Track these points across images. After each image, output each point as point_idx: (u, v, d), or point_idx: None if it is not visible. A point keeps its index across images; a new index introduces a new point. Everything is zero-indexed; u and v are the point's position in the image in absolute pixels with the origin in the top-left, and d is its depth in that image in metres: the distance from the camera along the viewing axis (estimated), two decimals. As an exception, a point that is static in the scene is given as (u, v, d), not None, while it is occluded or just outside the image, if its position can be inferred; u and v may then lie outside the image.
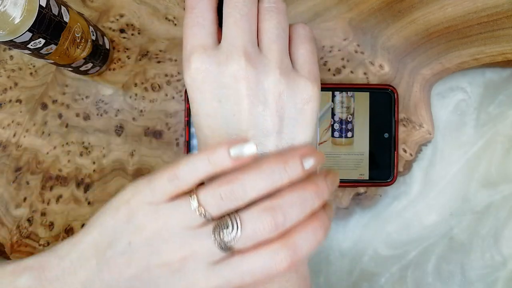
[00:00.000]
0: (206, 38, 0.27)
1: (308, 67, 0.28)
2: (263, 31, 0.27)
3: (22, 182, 0.43)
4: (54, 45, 0.33)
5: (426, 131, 0.43)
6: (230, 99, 0.26)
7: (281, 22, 0.28)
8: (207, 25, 0.27)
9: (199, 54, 0.27)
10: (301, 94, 0.27)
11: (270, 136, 0.26)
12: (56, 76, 0.43)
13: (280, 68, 0.27)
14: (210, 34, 0.27)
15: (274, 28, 0.27)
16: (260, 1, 0.28)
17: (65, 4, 0.34)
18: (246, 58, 0.26)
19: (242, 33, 0.26)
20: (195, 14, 0.27)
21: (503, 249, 0.44)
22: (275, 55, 0.27)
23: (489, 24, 0.42)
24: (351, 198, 0.43)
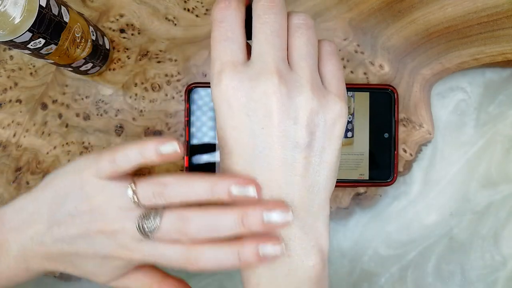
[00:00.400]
0: (236, 54, 0.27)
1: (336, 84, 0.29)
2: (294, 48, 0.28)
3: (22, 182, 0.43)
4: (54, 45, 0.33)
5: (426, 131, 0.43)
6: (259, 113, 0.27)
7: (311, 39, 0.28)
8: (237, 40, 0.27)
9: (230, 70, 0.27)
10: (331, 111, 0.28)
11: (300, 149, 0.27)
12: (56, 76, 0.43)
13: (312, 85, 0.27)
14: (240, 49, 0.27)
15: (304, 45, 0.28)
16: (290, 18, 0.28)
17: (65, 4, 0.34)
18: (278, 75, 0.26)
19: (273, 50, 0.27)
20: (225, 28, 0.27)
21: (503, 249, 0.44)
22: (306, 72, 0.27)
23: (489, 24, 0.42)
24: (351, 198, 0.43)
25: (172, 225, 0.28)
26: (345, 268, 0.44)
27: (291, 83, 0.27)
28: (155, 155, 0.28)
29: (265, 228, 0.27)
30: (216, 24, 0.28)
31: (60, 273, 0.43)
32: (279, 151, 0.27)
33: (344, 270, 0.44)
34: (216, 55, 0.27)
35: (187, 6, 0.43)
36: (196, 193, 0.28)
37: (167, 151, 0.28)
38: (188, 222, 0.27)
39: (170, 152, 0.28)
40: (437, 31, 0.42)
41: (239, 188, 0.27)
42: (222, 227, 0.27)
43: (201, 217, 0.27)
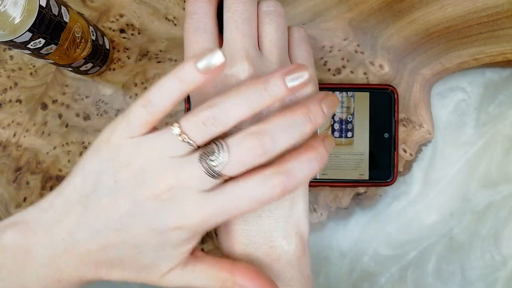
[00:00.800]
0: (207, 42, 0.28)
1: None
2: (264, 34, 0.28)
3: (22, 182, 0.43)
4: (54, 45, 0.33)
5: (426, 131, 0.43)
6: None
7: (281, 25, 0.28)
8: (208, 30, 0.28)
9: None
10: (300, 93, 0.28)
11: None
12: (56, 76, 0.43)
13: None
14: (212, 38, 0.28)
15: (274, 31, 0.28)
16: (259, 5, 0.29)
17: (65, 4, 0.34)
18: (248, 61, 0.27)
19: (243, 37, 0.27)
20: (196, 19, 0.28)
21: (503, 249, 0.44)
22: (277, 57, 0.28)
23: (489, 24, 0.42)
24: (351, 198, 0.43)
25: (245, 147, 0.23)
26: (345, 268, 0.44)
27: (262, 68, 0.27)
28: (198, 74, 0.23)
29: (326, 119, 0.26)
30: (189, 16, 0.28)
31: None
32: None
33: (344, 270, 0.44)
34: (188, 44, 0.28)
35: (187, 6, 0.43)
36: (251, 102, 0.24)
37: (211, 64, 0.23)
38: (261, 136, 0.23)
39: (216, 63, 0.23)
40: (437, 31, 0.42)
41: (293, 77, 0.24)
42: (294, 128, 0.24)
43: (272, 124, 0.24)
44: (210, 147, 0.24)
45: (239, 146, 0.24)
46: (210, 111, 0.24)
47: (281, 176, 0.24)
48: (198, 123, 0.24)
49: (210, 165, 0.23)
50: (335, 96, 0.27)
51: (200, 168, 0.24)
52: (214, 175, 0.24)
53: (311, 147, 0.25)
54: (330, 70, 0.43)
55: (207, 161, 0.23)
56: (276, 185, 0.24)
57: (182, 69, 0.24)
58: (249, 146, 0.23)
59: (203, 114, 0.24)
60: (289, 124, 0.24)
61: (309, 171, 0.25)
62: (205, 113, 0.24)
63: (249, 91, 0.24)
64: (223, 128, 0.24)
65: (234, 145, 0.24)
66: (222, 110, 0.24)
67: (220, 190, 0.24)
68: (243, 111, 0.24)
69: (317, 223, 0.43)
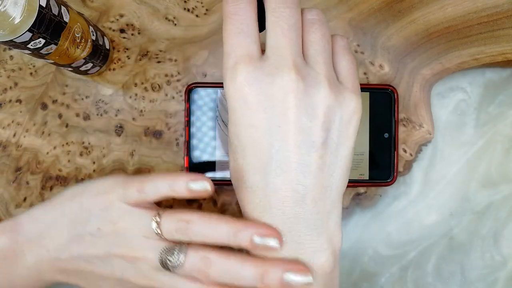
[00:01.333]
0: (251, 48, 0.26)
1: (352, 80, 0.28)
2: (309, 43, 0.27)
3: (22, 182, 0.43)
4: (54, 45, 0.33)
5: (426, 131, 0.43)
6: (276, 110, 0.26)
7: (325, 34, 0.28)
8: (251, 33, 0.26)
9: (245, 65, 0.26)
10: (347, 107, 0.27)
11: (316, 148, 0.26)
12: (56, 76, 0.43)
13: (329, 81, 0.26)
14: (255, 43, 0.26)
15: (320, 41, 0.27)
16: (303, 13, 0.28)
17: (65, 4, 0.34)
18: (296, 70, 0.25)
19: (290, 44, 0.26)
20: (238, 21, 0.26)
21: (503, 249, 0.44)
22: (323, 68, 0.27)
23: (489, 24, 0.42)
24: (351, 198, 0.43)
25: (195, 265, 0.28)
26: (345, 268, 0.44)
27: (309, 79, 0.26)
28: (185, 190, 0.28)
29: None
30: (229, 16, 0.26)
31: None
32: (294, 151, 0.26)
33: (344, 270, 0.44)
34: (230, 49, 0.26)
35: (187, 6, 0.43)
36: (218, 235, 0.28)
37: (197, 188, 0.28)
38: (211, 265, 0.28)
39: (201, 190, 0.28)
40: (437, 31, 0.42)
41: (261, 238, 0.26)
42: (242, 278, 0.27)
43: (223, 263, 0.28)
44: (172, 247, 0.28)
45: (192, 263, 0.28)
46: (185, 225, 0.28)
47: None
48: (171, 227, 0.28)
49: (166, 261, 0.28)
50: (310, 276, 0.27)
51: (157, 257, 0.28)
52: (165, 268, 0.28)
53: None
54: (330, 70, 0.43)
55: (165, 256, 0.28)
56: None
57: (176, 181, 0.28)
58: (199, 268, 0.28)
59: (179, 224, 0.28)
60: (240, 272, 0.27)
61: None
62: (181, 224, 0.28)
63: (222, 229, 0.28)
64: (190, 240, 0.28)
65: (190, 258, 0.28)
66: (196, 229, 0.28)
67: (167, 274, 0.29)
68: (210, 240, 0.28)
69: (317, 223, 0.43)
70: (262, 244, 0.27)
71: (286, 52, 0.26)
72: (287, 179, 0.26)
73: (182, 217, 0.28)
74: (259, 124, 0.26)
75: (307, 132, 0.26)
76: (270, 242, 0.27)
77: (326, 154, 0.26)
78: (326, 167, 0.26)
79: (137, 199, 0.30)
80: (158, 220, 0.29)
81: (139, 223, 0.29)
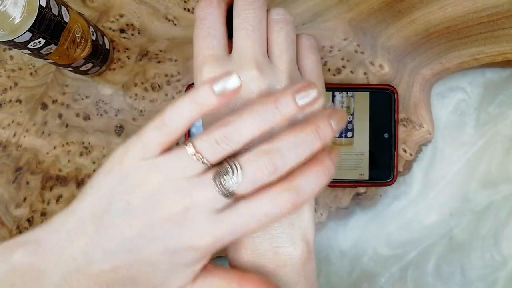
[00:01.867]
0: (217, 48, 0.28)
1: (315, 76, 0.30)
2: (273, 42, 0.28)
3: (22, 182, 0.43)
4: (54, 45, 0.33)
5: (426, 131, 0.43)
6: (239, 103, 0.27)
7: (290, 33, 0.29)
8: (218, 36, 0.28)
9: (211, 63, 0.27)
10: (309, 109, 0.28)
11: None
12: (56, 76, 0.43)
13: (291, 77, 0.28)
14: (221, 45, 0.28)
15: (283, 39, 0.28)
16: (269, 13, 0.29)
17: (65, 4, 0.34)
18: (258, 68, 0.27)
19: (253, 44, 0.27)
20: (206, 25, 0.28)
21: (503, 249, 0.44)
22: (286, 65, 0.28)
23: (489, 24, 0.42)
24: (351, 198, 0.43)
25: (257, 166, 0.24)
26: (345, 268, 0.44)
27: (270, 75, 0.27)
28: (213, 97, 0.24)
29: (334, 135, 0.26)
30: (198, 21, 0.28)
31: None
32: None
33: (344, 270, 0.44)
34: (198, 51, 0.28)
35: (187, 6, 0.43)
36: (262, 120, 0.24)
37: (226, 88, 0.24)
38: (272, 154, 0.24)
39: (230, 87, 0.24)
40: (437, 31, 0.42)
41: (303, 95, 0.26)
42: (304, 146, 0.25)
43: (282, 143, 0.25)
44: (223, 167, 0.24)
45: (251, 165, 0.24)
46: (223, 130, 0.24)
47: (291, 192, 0.24)
48: (212, 142, 0.24)
49: (224, 185, 0.24)
50: (344, 111, 0.28)
51: (214, 189, 0.24)
52: (227, 195, 0.24)
53: (318, 161, 0.26)
54: (330, 70, 0.43)
55: (221, 181, 0.24)
56: (286, 201, 0.24)
57: (198, 92, 0.24)
58: (261, 165, 0.24)
59: (216, 133, 0.24)
60: (299, 142, 0.25)
61: (317, 185, 0.25)
62: (218, 132, 0.24)
63: (260, 110, 0.25)
64: (236, 147, 0.25)
65: (247, 164, 0.24)
66: (235, 129, 0.24)
67: (231, 209, 0.25)
68: (255, 130, 0.25)
69: (317, 223, 0.43)
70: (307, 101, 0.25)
71: (249, 52, 0.27)
72: None
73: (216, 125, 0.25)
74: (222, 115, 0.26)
75: None
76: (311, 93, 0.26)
77: None
78: None
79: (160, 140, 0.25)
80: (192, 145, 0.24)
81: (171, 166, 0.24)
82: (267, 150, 0.24)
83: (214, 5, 0.28)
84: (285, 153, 0.24)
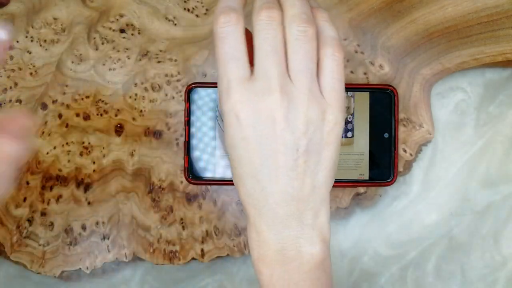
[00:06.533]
0: (242, 71, 0.29)
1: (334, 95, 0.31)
2: (292, 61, 0.29)
3: (22, 182, 0.43)
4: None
5: (426, 131, 0.43)
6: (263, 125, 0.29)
7: (309, 52, 0.29)
8: (241, 57, 0.29)
9: (237, 87, 0.29)
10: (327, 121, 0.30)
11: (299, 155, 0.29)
12: (56, 76, 0.43)
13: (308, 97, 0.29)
14: (244, 66, 0.29)
15: (302, 59, 0.29)
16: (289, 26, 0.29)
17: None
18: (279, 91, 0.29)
19: (273, 67, 0.29)
20: (228, 46, 0.29)
21: (503, 249, 0.44)
22: (303, 87, 0.29)
23: (489, 24, 0.42)
24: (351, 198, 0.43)
25: None
26: (345, 268, 0.44)
27: (291, 96, 0.29)
28: None
29: None
30: (219, 41, 0.29)
31: (60, 273, 0.43)
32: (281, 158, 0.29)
33: (344, 270, 0.44)
34: (223, 73, 0.29)
35: (187, 6, 0.43)
36: None
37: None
38: None
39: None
40: (437, 31, 0.42)
41: None
42: None
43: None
44: None
45: None
46: None
47: None
48: None
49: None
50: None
51: None
52: None
53: None
54: (330, 70, 0.43)
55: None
56: None
57: None
58: None
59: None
60: None
61: None
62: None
63: None
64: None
65: None
66: None
67: None
68: None
69: (317, 223, 0.43)
70: None
71: (271, 75, 0.29)
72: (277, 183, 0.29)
73: None
74: (250, 137, 0.29)
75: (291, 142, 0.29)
76: None
77: (310, 159, 0.30)
78: (310, 170, 0.30)
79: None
80: None
81: None
82: None
83: (233, 21, 0.29)
84: None
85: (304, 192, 0.30)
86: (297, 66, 0.29)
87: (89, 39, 0.43)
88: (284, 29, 0.29)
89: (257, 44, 0.29)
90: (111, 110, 0.43)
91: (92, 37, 0.43)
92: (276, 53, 0.29)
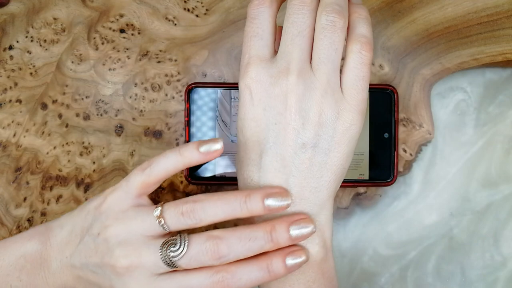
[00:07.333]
0: (263, 50, 0.29)
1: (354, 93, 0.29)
2: (316, 50, 0.28)
3: (22, 182, 0.43)
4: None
5: (426, 131, 0.43)
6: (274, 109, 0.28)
7: (334, 42, 0.28)
8: (265, 37, 0.29)
9: (255, 64, 0.28)
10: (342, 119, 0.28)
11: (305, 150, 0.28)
12: (56, 76, 0.43)
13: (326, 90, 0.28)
14: (267, 46, 0.29)
15: (326, 49, 0.28)
16: (320, 16, 0.28)
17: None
18: (297, 75, 0.27)
19: (296, 51, 0.28)
20: (255, 25, 0.29)
21: (503, 249, 0.44)
22: (323, 77, 0.28)
23: (489, 24, 0.42)
24: (351, 198, 0.43)
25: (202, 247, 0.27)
26: (345, 268, 0.44)
27: (308, 84, 0.28)
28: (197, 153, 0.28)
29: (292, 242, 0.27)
30: (249, 20, 0.29)
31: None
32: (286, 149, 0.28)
33: (344, 270, 0.44)
34: (246, 49, 0.29)
35: (187, 6, 0.43)
36: (229, 208, 0.27)
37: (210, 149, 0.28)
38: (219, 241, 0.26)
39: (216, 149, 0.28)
40: (437, 31, 0.42)
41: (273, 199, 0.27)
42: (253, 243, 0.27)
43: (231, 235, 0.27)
44: (175, 238, 0.27)
45: (198, 245, 0.27)
46: (191, 206, 0.27)
47: (226, 274, 0.27)
48: (178, 212, 0.27)
49: (169, 254, 0.27)
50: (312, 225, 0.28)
51: (160, 255, 0.27)
52: (169, 264, 0.27)
53: (267, 257, 0.27)
54: (330, 70, 0.43)
55: (167, 250, 0.27)
56: (219, 281, 0.27)
57: (186, 147, 0.28)
58: (206, 248, 0.27)
59: (185, 206, 0.27)
60: (249, 238, 0.27)
61: (255, 278, 0.27)
62: (187, 206, 0.27)
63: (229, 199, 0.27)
64: (197, 223, 0.27)
65: (195, 243, 0.27)
66: (201, 208, 0.27)
67: (167, 277, 0.27)
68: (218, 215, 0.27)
69: (317, 223, 0.43)
70: (274, 205, 0.27)
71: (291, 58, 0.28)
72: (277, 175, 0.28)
73: (187, 199, 0.28)
74: (259, 119, 0.28)
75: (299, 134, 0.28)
76: (282, 202, 0.27)
77: (316, 157, 0.28)
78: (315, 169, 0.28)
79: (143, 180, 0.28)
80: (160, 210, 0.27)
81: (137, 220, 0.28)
82: (216, 236, 0.27)
83: (266, 4, 0.29)
84: (233, 244, 0.26)
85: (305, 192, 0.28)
86: (319, 54, 0.28)
87: (89, 39, 0.43)
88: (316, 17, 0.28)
89: (285, 27, 0.28)
90: (111, 110, 0.43)
91: (92, 37, 0.43)
92: (301, 38, 0.28)
